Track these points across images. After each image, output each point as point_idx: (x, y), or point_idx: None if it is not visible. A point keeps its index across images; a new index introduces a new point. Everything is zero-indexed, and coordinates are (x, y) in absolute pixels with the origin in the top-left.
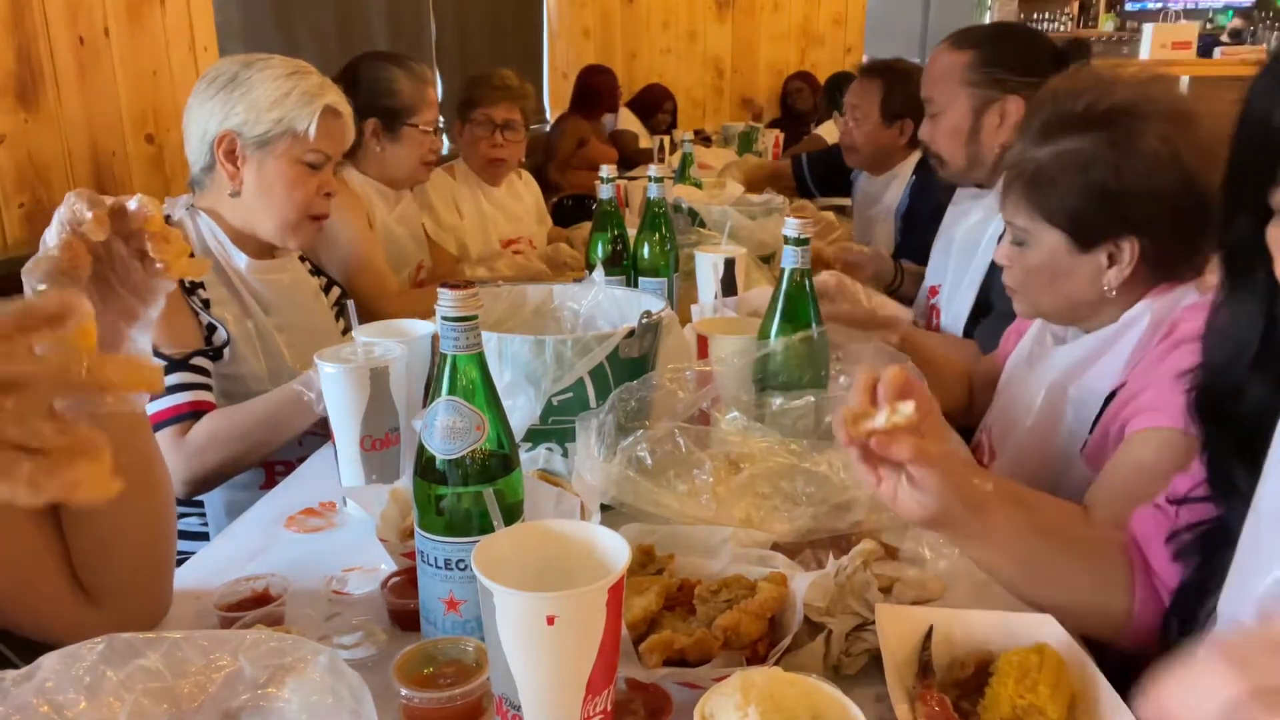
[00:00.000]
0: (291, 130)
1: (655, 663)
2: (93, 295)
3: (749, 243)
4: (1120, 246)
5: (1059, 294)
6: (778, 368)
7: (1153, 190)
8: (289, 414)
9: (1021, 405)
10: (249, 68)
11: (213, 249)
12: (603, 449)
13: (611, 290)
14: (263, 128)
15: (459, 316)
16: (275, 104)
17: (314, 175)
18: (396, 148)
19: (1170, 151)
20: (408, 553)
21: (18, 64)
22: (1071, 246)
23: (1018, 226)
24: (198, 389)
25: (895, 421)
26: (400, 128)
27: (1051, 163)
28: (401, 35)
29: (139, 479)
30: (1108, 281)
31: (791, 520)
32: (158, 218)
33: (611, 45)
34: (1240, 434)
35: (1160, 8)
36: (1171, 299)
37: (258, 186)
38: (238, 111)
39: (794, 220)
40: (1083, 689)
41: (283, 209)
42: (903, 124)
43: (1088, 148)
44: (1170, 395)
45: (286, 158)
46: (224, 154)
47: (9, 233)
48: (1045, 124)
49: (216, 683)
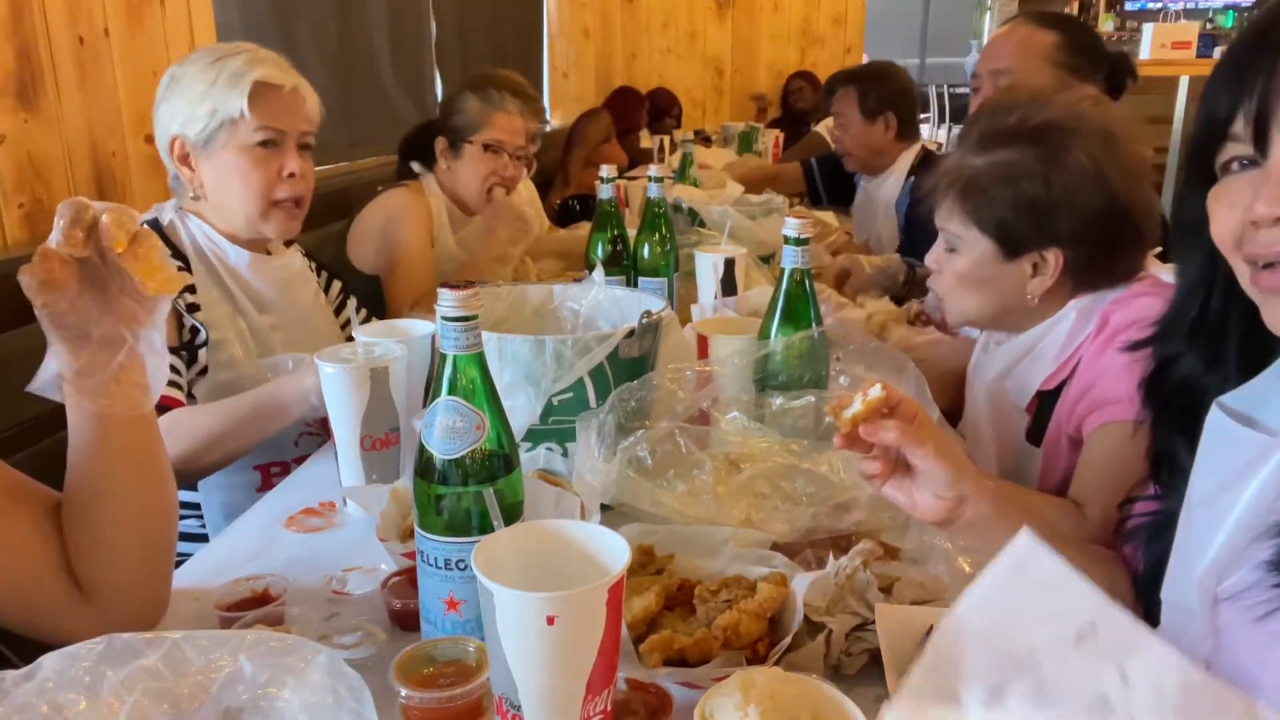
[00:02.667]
0: (227, 118)
1: (655, 663)
2: (93, 301)
3: (749, 243)
4: (1045, 257)
5: (984, 300)
6: (778, 368)
7: (1079, 205)
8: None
9: (977, 406)
10: (182, 65)
11: (205, 249)
12: (603, 449)
13: (611, 290)
14: (199, 124)
15: (459, 316)
16: (203, 96)
17: (272, 156)
18: (459, 165)
19: (1096, 169)
20: (408, 553)
21: (18, 64)
22: (999, 254)
23: (951, 232)
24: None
25: (869, 402)
26: (461, 145)
27: (985, 172)
28: (402, 35)
29: (141, 477)
30: (1031, 290)
31: (791, 520)
32: (120, 237)
33: (611, 45)
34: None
35: (1160, 8)
36: (1095, 296)
37: (214, 185)
38: (177, 114)
39: (794, 220)
40: None
41: (243, 201)
42: (885, 118)
43: (1020, 160)
44: (1118, 387)
45: (231, 148)
46: (178, 159)
47: (9, 233)
48: (982, 134)
49: (216, 683)
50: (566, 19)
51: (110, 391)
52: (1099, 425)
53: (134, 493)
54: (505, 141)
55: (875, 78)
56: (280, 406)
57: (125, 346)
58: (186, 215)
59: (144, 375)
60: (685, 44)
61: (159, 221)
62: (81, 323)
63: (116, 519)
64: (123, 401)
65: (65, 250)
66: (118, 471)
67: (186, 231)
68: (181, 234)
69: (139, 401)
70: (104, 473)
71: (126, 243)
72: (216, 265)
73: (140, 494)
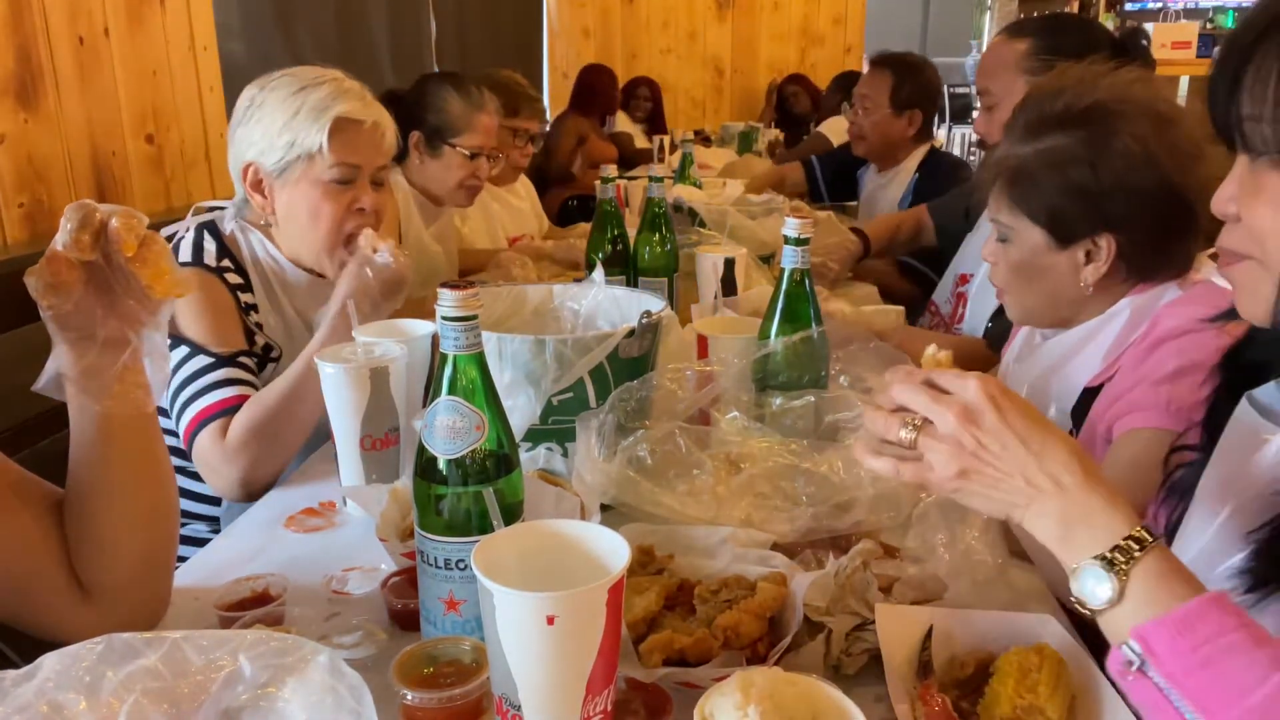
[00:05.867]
0: (305, 152)
1: (655, 663)
2: (97, 302)
3: (749, 243)
4: (1097, 244)
5: (1040, 291)
6: (778, 368)
7: (1128, 189)
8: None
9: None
10: (263, 90)
11: (264, 263)
12: (603, 449)
13: (611, 290)
14: (277, 155)
15: (459, 316)
16: (284, 128)
17: (344, 191)
18: (435, 164)
19: (1145, 151)
20: (408, 553)
21: (18, 64)
22: (1051, 243)
23: (1002, 223)
24: (243, 384)
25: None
26: (441, 145)
27: (1033, 160)
28: (402, 35)
29: (142, 476)
30: (1085, 278)
31: (791, 520)
32: (130, 242)
33: (611, 45)
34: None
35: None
36: (1152, 295)
37: (286, 216)
38: (255, 141)
39: (794, 220)
40: (1083, 689)
41: (312, 238)
42: (911, 114)
43: (1067, 146)
44: (1152, 395)
45: (306, 181)
46: (251, 186)
47: (9, 233)
48: (1029, 122)
49: (216, 683)
50: (566, 18)
51: (113, 391)
52: (1130, 429)
53: (135, 491)
54: (485, 146)
55: (913, 70)
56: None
57: (129, 348)
58: (250, 229)
59: (146, 375)
60: (685, 44)
61: (216, 226)
62: (86, 324)
63: (117, 518)
64: (125, 401)
65: (72, 253)
66: (119, 471)
67: (247, 245)
68: (242, 247)
69: (141, 401)
70: (106, 472)
71: (136, 247)
72: (274, 282)
73: (141, 492)
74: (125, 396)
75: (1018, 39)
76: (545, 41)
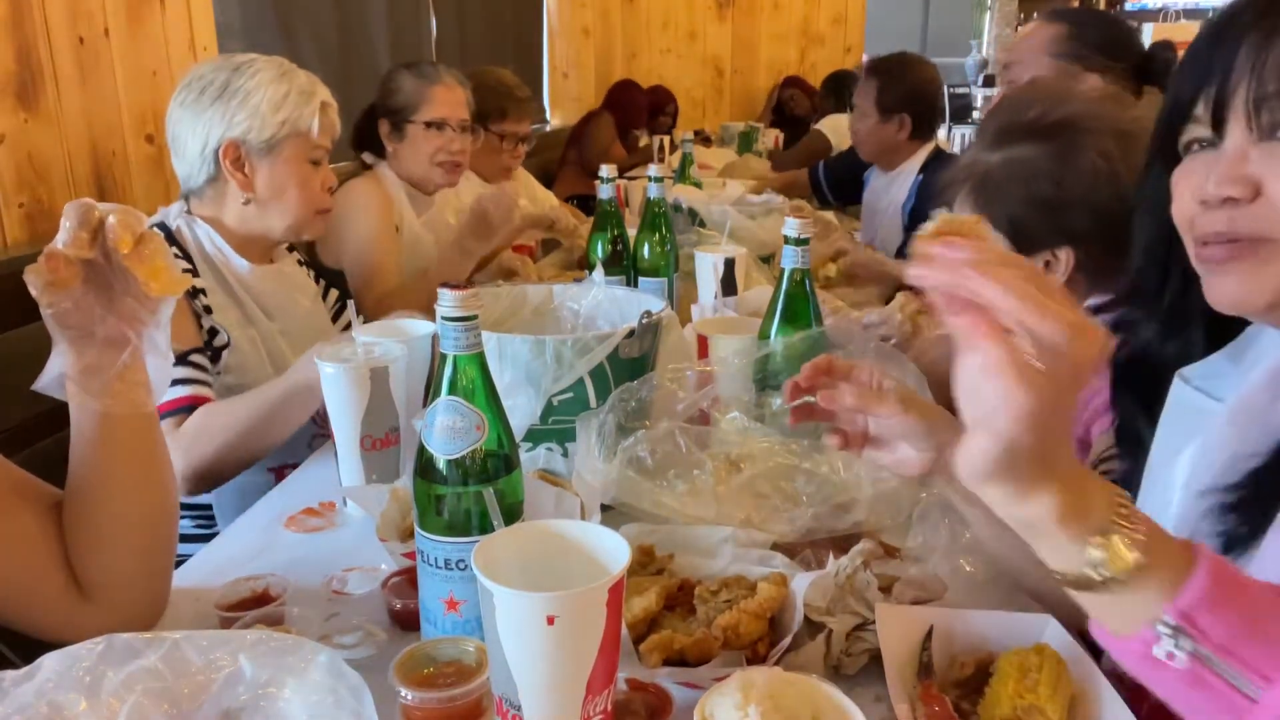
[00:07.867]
0: (296, 131)
1: (655, 663)
2: (97, 300)
3: (749, 243)
4: (1057, 256)
5: None
6: (778, 368)
7: (1091, 205)
8: (286, 404)
9: None
10: (239, 73)
11: (211, 255)
12: (603, 449)
13: (611, 290)
14: (269, 132)
15: (459, 316)
16: (278, 107)
17: (317, 171)
18: (404, 147)
19: (1110, 169)
20: (408, 553)
21: (18, 64)
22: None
23: None
24: (196, 384)
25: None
26: (404, 125)
27: (1000, 169)
28: (401, 35)
29: (143, 476)
30: None
31: (791, 520)
32: (126, 239)
33: (611, 45)
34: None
35: (1160, 8)
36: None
37: (269, 190)
38: (240, 120)
39: (794, 220)
40: (1083, 689)
41: (296, 208)
42: (900, 119)
43: (1034, 159)
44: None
45: (296, 158)
46: (231, 163)
47: (9, 233)
48: (999, 128)
49: (216, 683)
50: (566, 18)
51: (114, 390)
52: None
53: (135, 491)
54: (448, 117)
55: (897, 75)
56: (311, 385)
57: (129, 346)
58: (194, 221)
59: (147, 374)
60: (685, 44)
61: (165, 225)
62: (86, 322)
63: (117, 517)
64: (126, 400)
65: (71, 251)
66: (119, 470)
67: (193, 237)
68: (188, 239)
69: (142, 400)
70: (106, 471)
71: (132, 244)
72: (223, 271)
73: (141, 492)
74: (126, 395)
75: (1052, 23)
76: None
